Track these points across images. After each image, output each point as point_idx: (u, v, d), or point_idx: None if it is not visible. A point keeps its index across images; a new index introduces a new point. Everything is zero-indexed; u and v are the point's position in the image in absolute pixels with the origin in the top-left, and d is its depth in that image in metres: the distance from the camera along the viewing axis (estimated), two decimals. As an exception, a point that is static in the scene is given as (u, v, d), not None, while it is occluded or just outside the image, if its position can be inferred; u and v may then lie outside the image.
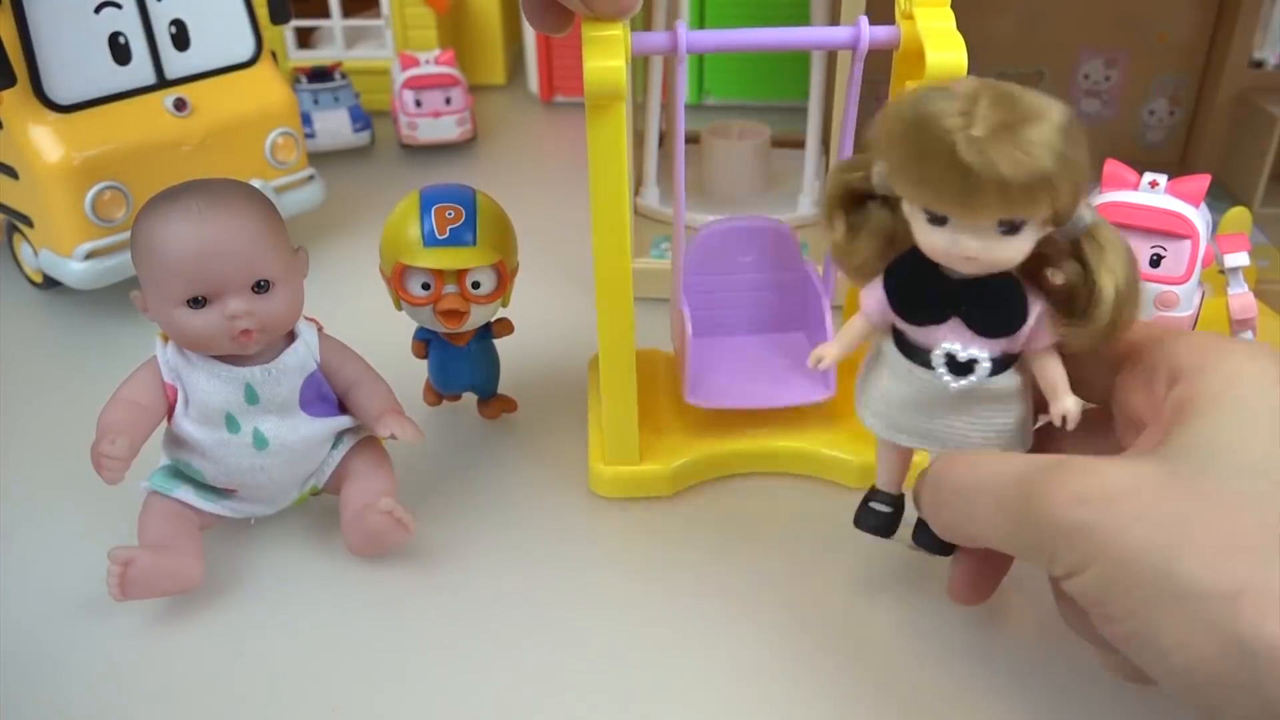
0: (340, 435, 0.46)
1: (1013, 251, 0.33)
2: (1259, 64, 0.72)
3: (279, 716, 0.39)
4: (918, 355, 0.37)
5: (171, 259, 0.40)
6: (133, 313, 0.45)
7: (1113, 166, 0.46)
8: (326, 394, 0.45)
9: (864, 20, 0.42)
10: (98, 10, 0.60)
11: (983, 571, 0.40)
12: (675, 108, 0.43)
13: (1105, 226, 0.34)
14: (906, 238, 0.35)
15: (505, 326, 0.52)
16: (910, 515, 0.41)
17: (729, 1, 0.90)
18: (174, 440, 0.44)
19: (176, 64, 0.63)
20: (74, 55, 0.59)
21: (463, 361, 0.51)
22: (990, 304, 0.35)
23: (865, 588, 0.44)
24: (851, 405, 0.50)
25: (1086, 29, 0.74)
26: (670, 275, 0.50)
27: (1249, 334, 0.47)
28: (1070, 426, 0.35)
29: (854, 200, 0.37)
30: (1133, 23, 0.73)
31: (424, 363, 0.52)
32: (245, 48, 0.67)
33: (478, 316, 0.48)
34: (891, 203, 0.36)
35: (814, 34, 0.47)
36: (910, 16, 0.41)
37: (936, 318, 0.36)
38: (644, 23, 0.71)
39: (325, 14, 0.92)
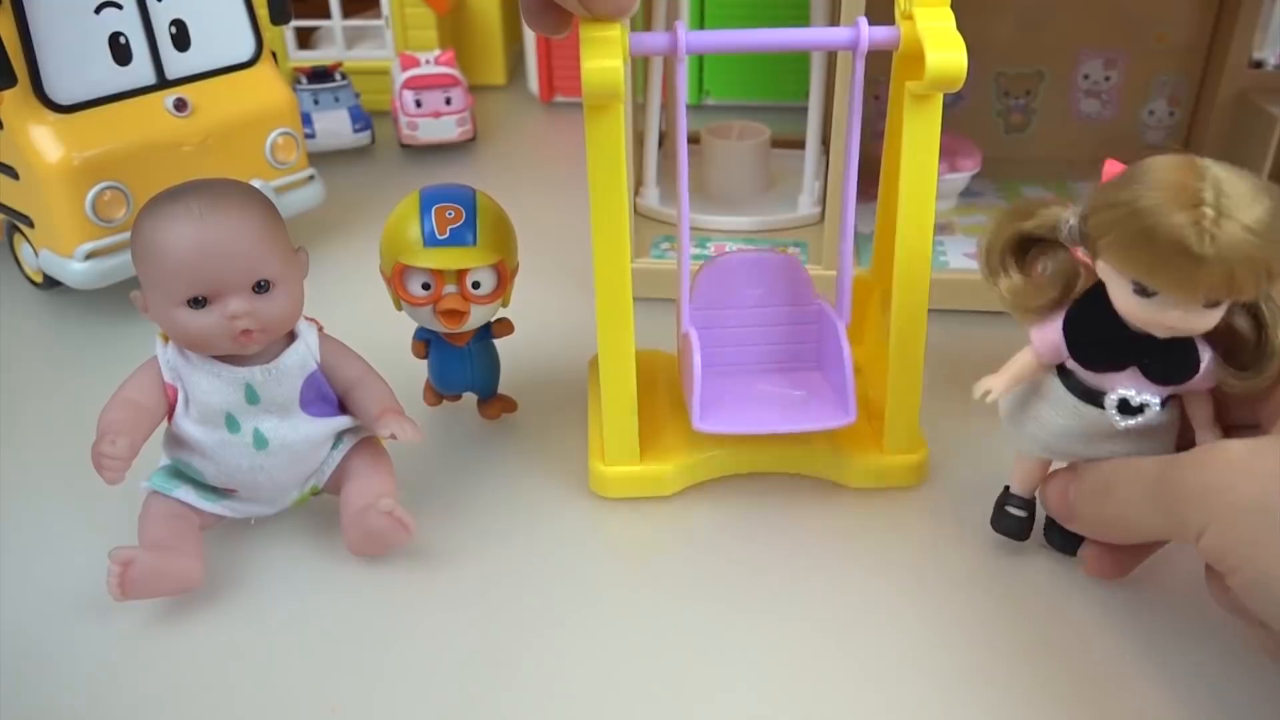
0: (340, 435, 0.46)
1: (1211, 321, 0.36)
2: (1259, 64, 0.72)
3: (278, 716, 0.39)
4: (1086, 395, 0.39)
5: (172, 259, 0.40)
6: (133, 313, 0.45)
7: (1112, 166, 0.46)
8: (326, 394, 0.45)
9: (863, 21, 0.42)
10: (98, 10, 0.60)
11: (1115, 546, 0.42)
12: (676, 109, 0.43)
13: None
14: (1080, 279, 0.39)
15: (505, 327, 0.52)
16: (1039, 516, 0.44)
17: (729, 2, 0.90)
18: (174, 440, 0.44)
19: (177, 64, 0.63)
20: (74, 55, 0.59)
21: (463, 362, 0.51)
22: (1170, 357, 0.38)
23: (868, 586, 0.44)
24: (853, 404, 0.50)
25: (1086, 29, 0.74)
26: (670, 278, 0.50)
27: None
28: None
29: (1025, 246, 0.40)
30: (1133, 23, 0.73)
31: (424, 363, 0.52)
32: (245, 48, 0.67)
33: (478, 316, 0.48)
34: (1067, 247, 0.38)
35: (813, 35, 0.47)
36: (910, 17, 0.41)
37: (1117, 366, 0.38)
38: (644, 23, 0.71)
39: (325, 14, 0.92)
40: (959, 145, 0.69)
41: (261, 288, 0.41)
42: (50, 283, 0.65)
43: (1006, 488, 0.45)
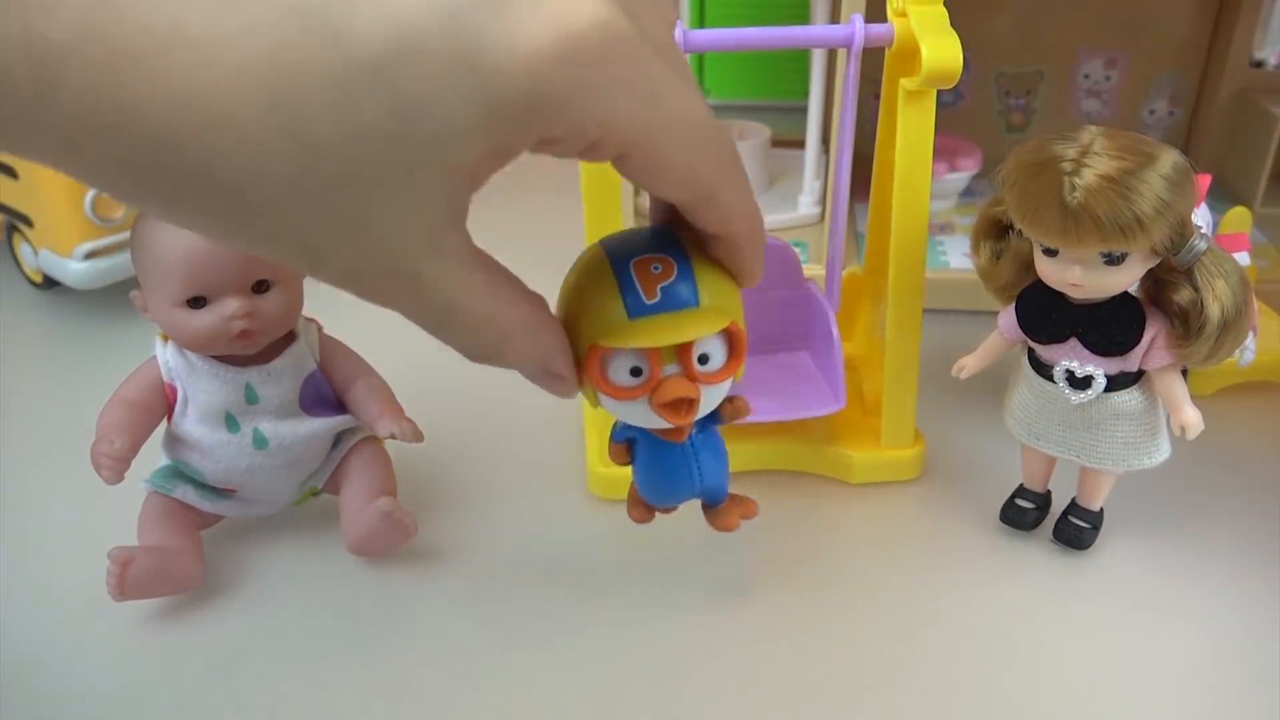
0: (340, 435, 0.46)
1: (1117, 279, 0.37)
2: (1259, 64, 0.72)
3: (279, 716, 0.39)
4: (1044, 370, 0.41)
5: (171, 259, 0.40)
6: (133, 313, 0.45)
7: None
8: (326, 394, 0.45)
9: (858, 18, 0.42)
10: (98, 11, 0.60)
11: None
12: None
13: (1219, 257, 0.38)
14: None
15: (739, 407, 0.38)
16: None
17: (729, 1, 0.90)
18: (174, 440, 0.44)
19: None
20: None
21: (686, 462, 0.38)
22: (1104, 326, 0.39)
23: (867, 579, 0.44)
24: (852, 403, 0.50)
25: (1086, 29, 0.74)
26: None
27: (1249, 334, 0.47)
28: (1190, 437, 0.39)
29: (998, 231, 0.42)
30: (1133, 23, 0.73)
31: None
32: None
33: (709, 400, 0.34)
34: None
35: (809, 32, 0.47)
36: (903, 14, 0.41)
37: (1057, 337, 0.40)
38: (644, 23, 0.71)
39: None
40: (959, 145, 0.69)
41: (261, 287, 0.41)
42: (50, 283, 0.65)
43: (1020, 484, 0.46)
